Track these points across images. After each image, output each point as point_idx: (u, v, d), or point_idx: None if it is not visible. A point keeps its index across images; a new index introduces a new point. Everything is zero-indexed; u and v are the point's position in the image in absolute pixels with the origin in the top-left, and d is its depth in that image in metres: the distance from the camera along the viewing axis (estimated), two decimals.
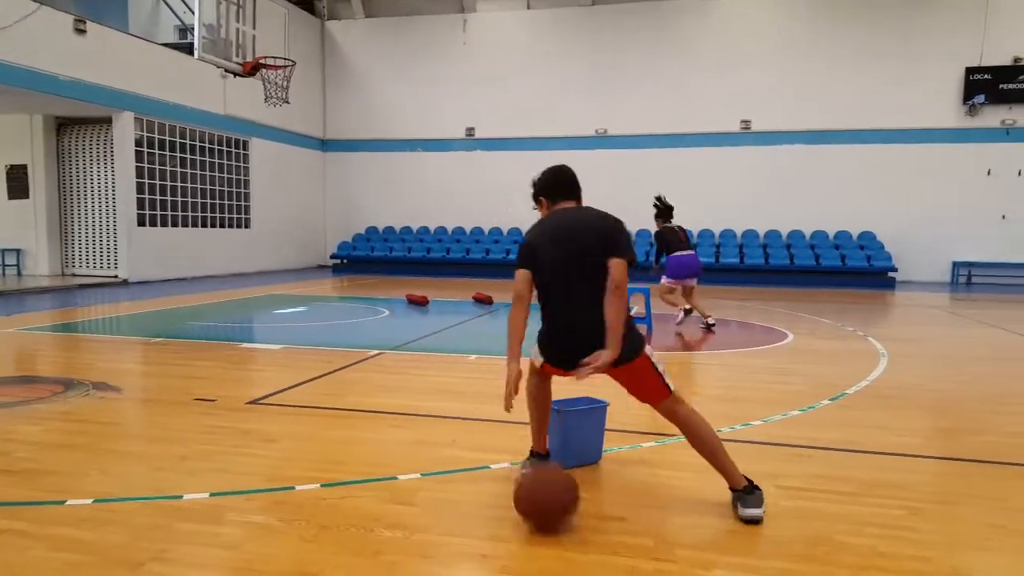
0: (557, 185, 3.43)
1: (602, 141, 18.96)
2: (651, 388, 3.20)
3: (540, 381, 3.34)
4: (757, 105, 18.00)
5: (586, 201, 3.48)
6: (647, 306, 8.63)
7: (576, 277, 3.04)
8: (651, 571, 2.52)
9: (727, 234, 18.20)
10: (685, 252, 8.82)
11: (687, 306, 9.24)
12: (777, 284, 16.33)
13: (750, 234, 18.11)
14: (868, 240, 17.38)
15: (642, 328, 8.49)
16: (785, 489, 3.32)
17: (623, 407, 4.65)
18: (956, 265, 17.23)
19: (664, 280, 8.99)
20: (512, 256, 18.26)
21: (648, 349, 3.22)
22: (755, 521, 2.90)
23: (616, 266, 3.01)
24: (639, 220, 18.65)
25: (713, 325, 8.75)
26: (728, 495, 3.08)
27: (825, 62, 17.54)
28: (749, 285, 16.19)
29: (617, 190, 18.72)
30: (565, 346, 3.10)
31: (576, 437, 3.56)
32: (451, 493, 3.27)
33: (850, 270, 16.46)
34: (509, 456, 3.72)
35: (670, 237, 8.82)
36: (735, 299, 13.05)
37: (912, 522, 2.98)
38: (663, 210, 8.90)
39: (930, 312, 11.61)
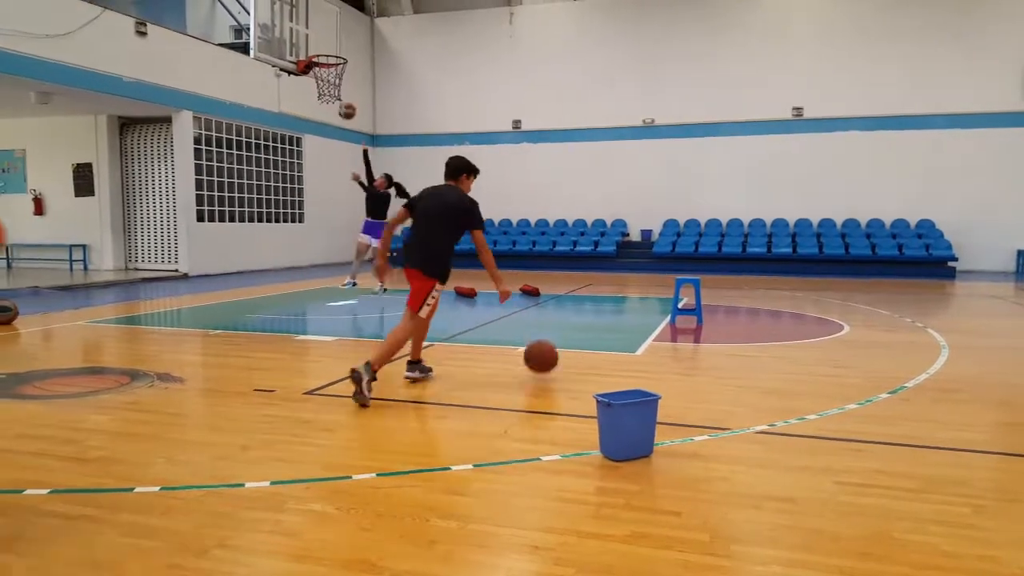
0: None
1: (649, 131, 18.74)
2: (415, 300, 5.14)
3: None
4: (810, 91, 17.53)
5: (634, 189, 3.58)
6: (697, 297, 8.52)
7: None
8: (707, 566, 2.50)
9: (779, 223, 17.82)
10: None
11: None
12: (831, 274, 15.92)
13: (803, 223, 17.69)
14: (927, 228, 16.80)
15: (691, 320, 8.41)
16: (843, 485, 3.25)
17: (676, 401, 4.63)
18: (1021, 254, 16.53)
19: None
20: (560, 248, 18.22)
21: (439, 286, 5.16)
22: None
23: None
24: (690, 210, 18.48)
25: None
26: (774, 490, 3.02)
27: (880, 45, 16.97)
28: (802, 275, 15.84)
29: (665, 180, 18.57)
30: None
31: (627, 430, 3.55)
32: (503, 484, 3.30)
33: (908, 259, 15.94)
34: (560, 448, 3.74)
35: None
36: (787, 289, 12.80)
37: (976, 520, 2.89)
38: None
39: (993, 303, 11.18)
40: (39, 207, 16.27)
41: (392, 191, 10.72)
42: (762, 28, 17.78)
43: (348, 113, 10.67)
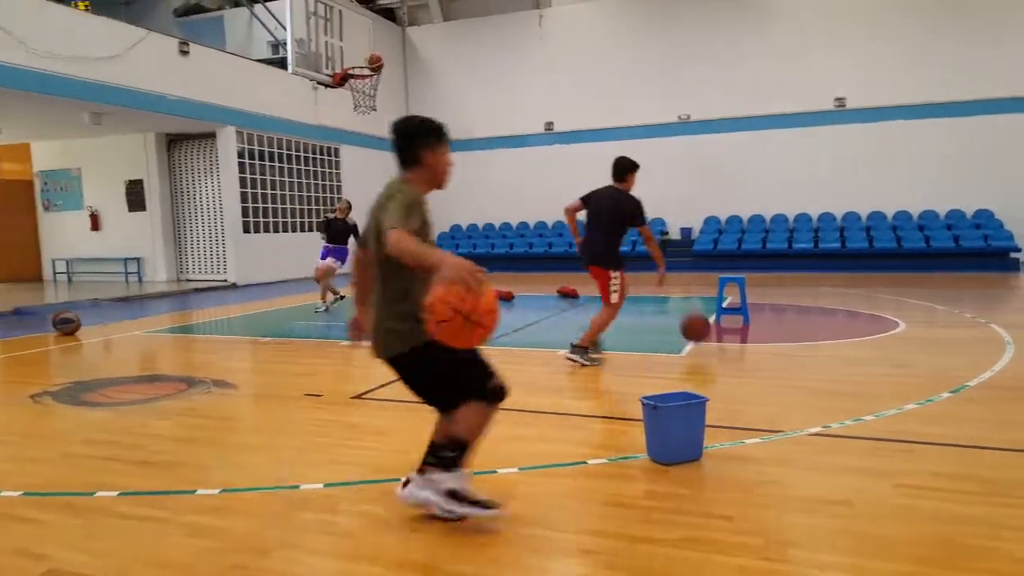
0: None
1: (685, 127, 18.54)
2: (604, 291, 5.72)
3: None
4: (853, 80, 17.09)
5: (671, 187, 3.66)
6: (742, 295, 8.39)
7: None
8: (762, 571, 2.47)
9: (826, 218, 17.42)
10: None
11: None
12: (883, 269, 15.51)
13: (851, 217, 17.28)
14: (985, 219, 16.20)
15: (737, 319, 8.29)
16: (903, 487, 3.17)
17: (724, 403, 4.57)
18: None
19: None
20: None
21: (615, 273, 5.73)
22: None
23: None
24: (731, 206, 18.21)
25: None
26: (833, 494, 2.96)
27: (928, 27, 16.43)
28: (852, 271, 15.47)
29: (703, 176, 18.33)
30: None
31: (674, 433, 3.52)
32: (550, 487, 3.31)
33: (965, 252, 15.40)
34: (606, 452, 3.73)
35: None
36: (837, 286, 12.52)
37: None
38: None
39: None
40: (95, 223, 16.85)
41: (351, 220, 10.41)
42: (800, 17, 17.43)
43: (375, 67, 10.53)
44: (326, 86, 12.68)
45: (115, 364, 6.94)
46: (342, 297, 10.53)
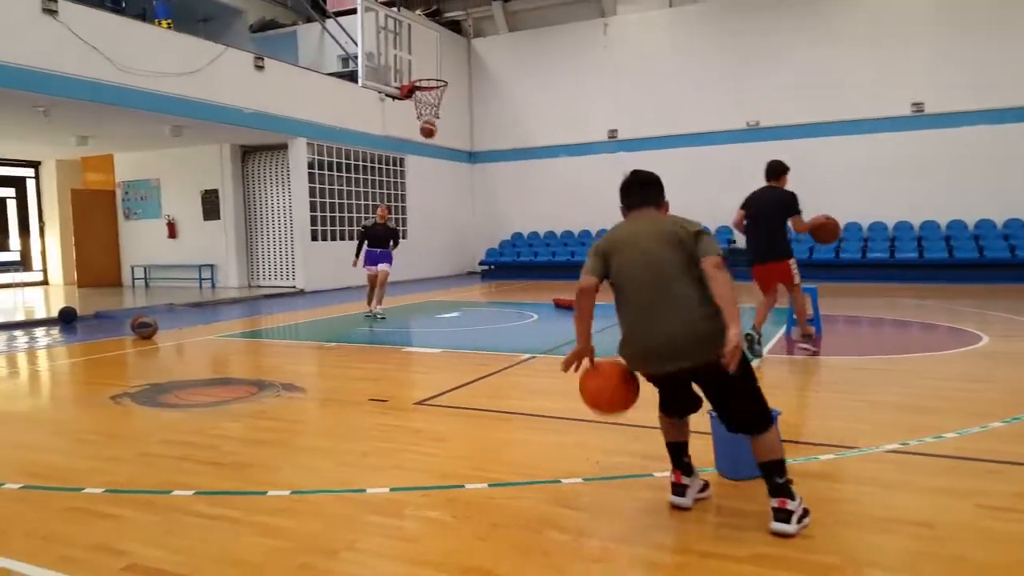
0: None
1: (754, 133, 18.14)
2: (788, 281, 6.62)
3: None
4: (931, 85, 16.42)
5: (740, 194, 3.82)
6: (815, 306, 8.14)
7: None
8: None
9: (902, 227, 16.76)
10: None
11: None
12: (963, 280, 14.80)
13: (929, 226, 16.56)
14: None
15: (810, 329, 8.03)
16: (988, 509, 3.01)
17: (797, 417, 4.43)
18: None
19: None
20: None
21: (792, 260, 6.60)
22: None
23: None
24: (802, 214, 17.69)
25: None
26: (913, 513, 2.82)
27: (1006, 32, 15.65)
28: (930, 282, 14.82)
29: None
30: None
31: (745, 448, 3.41)
32: (615, 499, 3.27)
33: None
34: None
35: None
36: (914, 297, 12.01)
37: None
38: None
39: None
40: (172, 231, 17.59)
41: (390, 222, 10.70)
42: (873, 21, 16.87)
43: (428, 130, 10.70)
44: (393, 98, 12.92)
45: (189, 367, 7.21)
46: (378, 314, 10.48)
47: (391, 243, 10.60)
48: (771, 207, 6.66)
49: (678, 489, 3.08)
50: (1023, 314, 9.52)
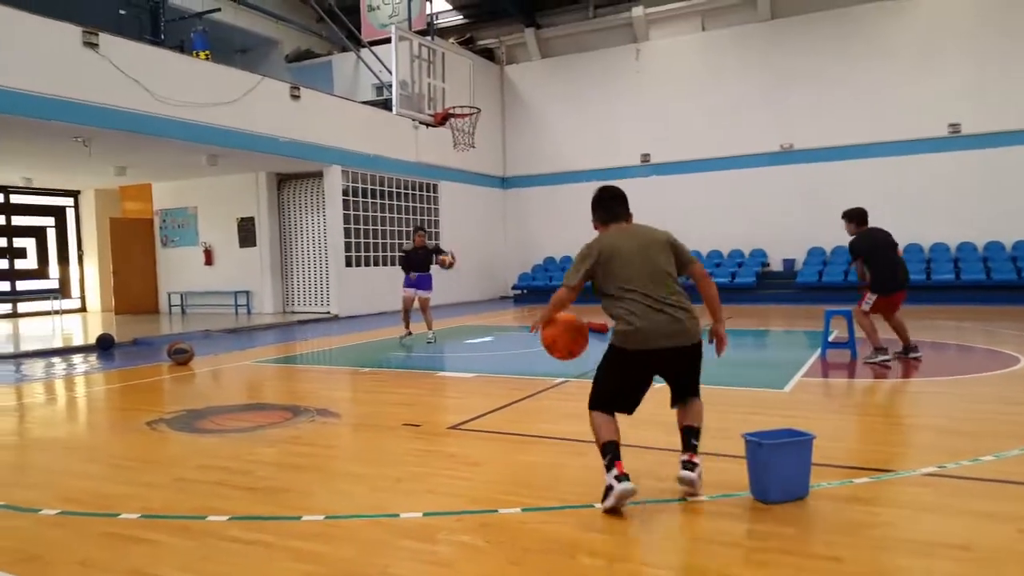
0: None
1: (787, 156, 18.04)
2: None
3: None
4: (968, 106, 16.21)
5: (773, 217, 3.90)
6: (850, 329, 8.03)
7: None
8: None
9: (938, 248, 16.47)
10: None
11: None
12: (1001, 302, 14.47)
13: (966, 247, 16.25)
14: None
15: (846, 353, 7.92)
16: None
17: (832, 440, 4.38)
18: None
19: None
20: (691, 280, 17.75)
21: None
22: None
23: None
24: (836, 237, 17.50)
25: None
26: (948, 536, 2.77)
27: None
28: (967, 303, 14.51)
29: (807, 206, 17.73)
30: None
31: (779, 472, 3.40)
32: (649, 523, 3.26)
33: None
34: (707, 489, 3.63)
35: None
36: (952, 319, 11.77)
37: None
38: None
39: None
40: (208, 258, 17.98)
41: (430, 244, 10.97)
42: (908, 42, 16.75)
43: (448, 263, 10.73)
44: (427, 125, 13.13)
45: (225, 393, 7.34)
46: (410, 333, 10.69)
47: (435, 258, 10.65)
48: (888, 241, 7.71)
49: (624, 476, 3.34)
50: None
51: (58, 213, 19.04)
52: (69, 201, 19.23)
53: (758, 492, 3.43)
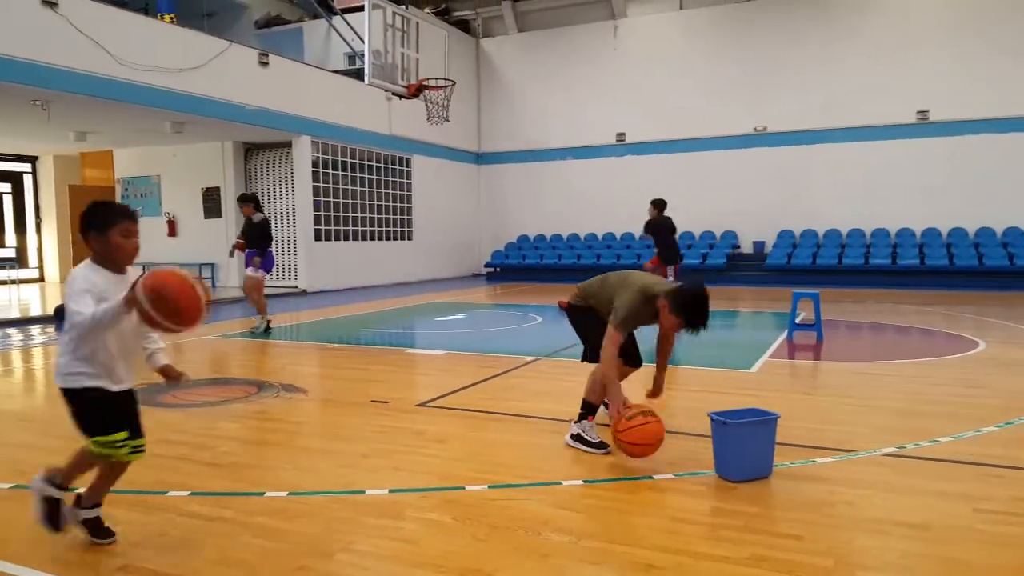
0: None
1: (761, 139, 18.16)
2: None
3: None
4: (936, 93, 16.43)
5: (745, 200, 3.80)
6: (816, 312, 8.14)
7: None
8: None
9: (904, 233, 16.76)
10: None
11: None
12: (963, 287, 14.81)
13: (931, 233, 16.57)
14: None
15: (810, 335, 8.05)
16: (983, 512, 3.03)
17: (795, 420, 4.44)
18: None
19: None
20: None
21: None
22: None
23: None
24: (806, 220, 17.72)
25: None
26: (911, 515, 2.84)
27: (1011, 42, 15.66)
28: (930, 288, 14.83)
29: (778, 189, 17.90)
30: None
31: (744, 451, 3.44)
32: (614, 501, 3.28)
33: None
34: (673, 467, 3.66)
35: None
36: (915, 303, 12.02)
37: None
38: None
39: None
40: (172, 229, 17.59)
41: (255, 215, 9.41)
42: (882, 29, 16.89)
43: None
44: (400, 97, 12.91)
45: (188, 367, 7.11)
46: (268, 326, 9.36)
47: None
48: (670, 226, 9.70)
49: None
50: (1019, 320, 9.52)
51: (15, 179, 18.42)
52: (27, 167, 18.61)
53: (723, 471, 3.47)
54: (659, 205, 10.36)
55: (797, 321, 8.38)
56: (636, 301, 3.75)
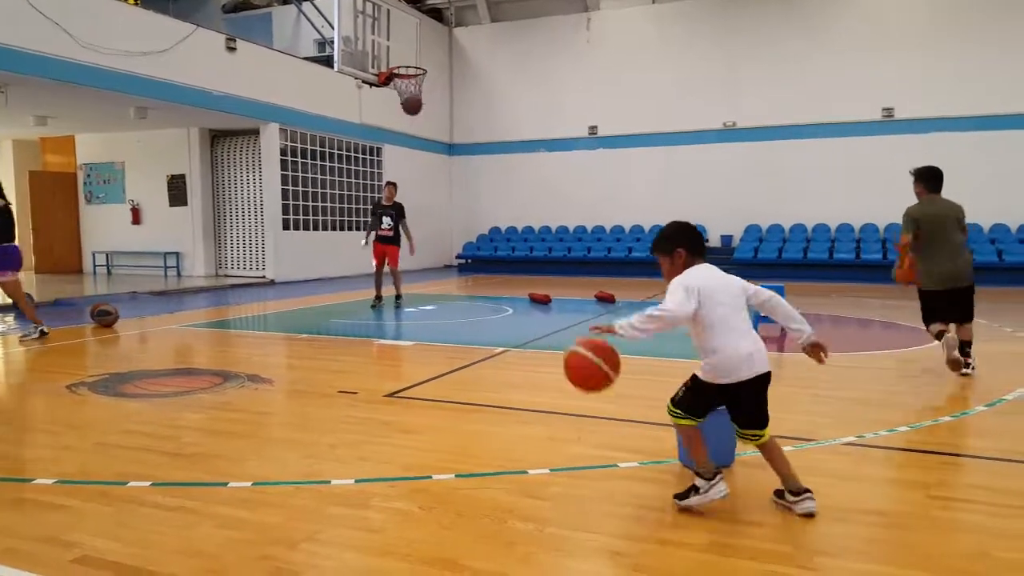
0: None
1: (730, 134, 18.35)
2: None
3: None
4: (901, 92, 16.77)
5: (713, 194, 3.62)
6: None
7: None
8: None
9: (869, 228, 17.10)
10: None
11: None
12: None
13: (895, 228, 16.90)
14: None
15: (775, 328, 8.17)
16: (937, 499, 3.12)
17: None
18: None
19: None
20: (635, 254, 18.03)
21: None
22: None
23: None
24: (773, 215, 17.97)
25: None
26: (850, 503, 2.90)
27: (978, 42, 16.03)
28: (893, 283, 15.09)
29: (746, 184, 18.13)
30: None
31: (706, 439, 3.47)
32: (580, 489, 3.30)
33: (1009, 266, 15.01)
34: (637, 456, 3.71)
35: None
36: (877, 297, 12.28)
37: None
38: None
39: None
40: (136, 217, 17.24)
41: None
42: (850, 27, 17.15)
43: (414, 101, 10.03)
44: (371, 85, 12.80)
45: (151, 357, 7.10)
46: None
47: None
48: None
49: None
50: (979, 315, 9.76)
51: None
52: None
53: (686, 459, 3.51)
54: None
55: (762, 314, 8.48)
56: None
